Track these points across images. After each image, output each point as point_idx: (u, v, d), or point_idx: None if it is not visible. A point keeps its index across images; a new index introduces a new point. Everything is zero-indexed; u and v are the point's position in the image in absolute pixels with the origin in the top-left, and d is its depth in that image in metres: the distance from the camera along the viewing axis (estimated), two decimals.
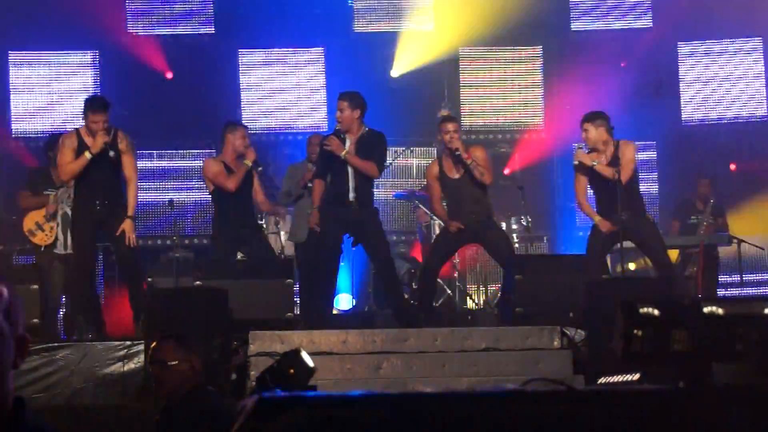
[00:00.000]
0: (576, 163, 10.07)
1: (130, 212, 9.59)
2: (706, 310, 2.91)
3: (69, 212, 10.13)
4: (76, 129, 9.78)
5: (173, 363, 5.91)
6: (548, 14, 14.86)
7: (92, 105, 9.57)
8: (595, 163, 9.83)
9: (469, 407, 2.80)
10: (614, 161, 9.82)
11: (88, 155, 9.41)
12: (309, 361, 4.68)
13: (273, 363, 4.64)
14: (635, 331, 2.93)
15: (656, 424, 2.82)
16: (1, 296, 2.59)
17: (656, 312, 2.92)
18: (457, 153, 9.99)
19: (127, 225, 9.51)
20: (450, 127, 10.13)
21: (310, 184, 10.59)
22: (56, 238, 10.56)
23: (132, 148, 9.85)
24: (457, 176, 10.15)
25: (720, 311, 2.91)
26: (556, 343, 8.98)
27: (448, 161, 10.20)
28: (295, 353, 4.61)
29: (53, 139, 10.66)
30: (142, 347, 8.48)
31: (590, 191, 10.20)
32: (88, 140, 9.46)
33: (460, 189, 10.17)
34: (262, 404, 2.77)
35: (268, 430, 2.70)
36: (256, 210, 10.76)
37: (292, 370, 4.55)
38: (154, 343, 6.19)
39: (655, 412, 2.84)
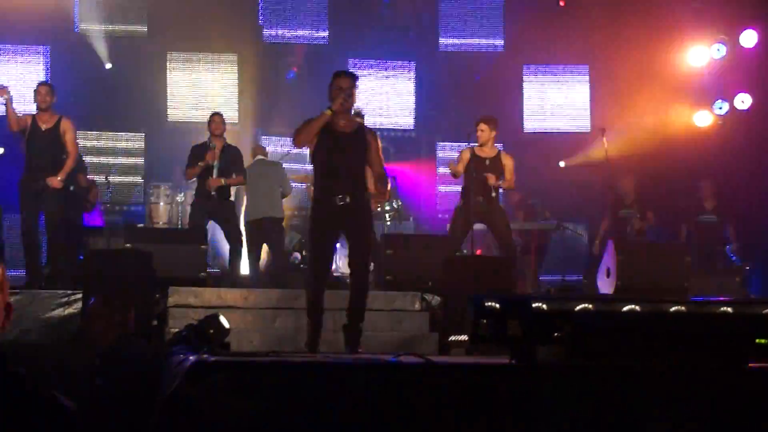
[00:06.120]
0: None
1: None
2: (534, 305, 3.19)
3: None
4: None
5: (102, 317, 6.02)
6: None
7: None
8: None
9: (355, 375, 3.05)
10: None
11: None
12: (225, 323, 4.86)
13: (195, 323, 4.82)
14: (481, 320, 3.19)
15: (493, 393, 3.11)
16: None
17: (497, 305, 3.19)
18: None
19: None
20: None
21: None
22: None
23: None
24: None
25: (544, 307, 3.19)
26: (417, 306, 9.16)
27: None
28: (214, 317, 4.80)
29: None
30: (80, 296, 8.52)
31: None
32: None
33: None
34: (197, 367, 2.95)
35: (202, 389, 2.87)
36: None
37: (211, 331, 4.75)
38: (88, 302, 6.31)
39: (492, 383, 3.12)
